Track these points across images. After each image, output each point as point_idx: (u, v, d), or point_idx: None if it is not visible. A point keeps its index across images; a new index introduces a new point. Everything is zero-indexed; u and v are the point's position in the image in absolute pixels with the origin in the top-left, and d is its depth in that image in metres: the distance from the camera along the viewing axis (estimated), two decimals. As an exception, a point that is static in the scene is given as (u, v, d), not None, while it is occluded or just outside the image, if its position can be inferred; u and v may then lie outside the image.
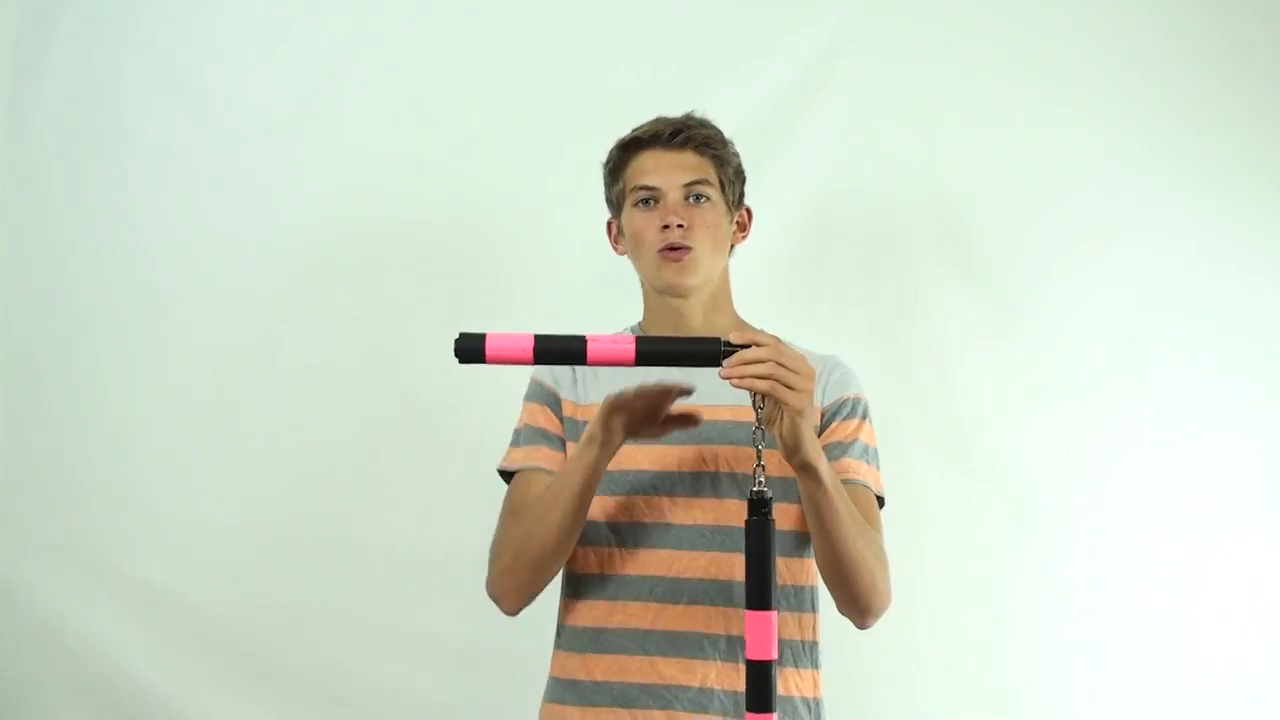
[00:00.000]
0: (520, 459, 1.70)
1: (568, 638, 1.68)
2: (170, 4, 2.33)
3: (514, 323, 2.23)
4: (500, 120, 2.32)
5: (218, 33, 2.32)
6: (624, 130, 1.74)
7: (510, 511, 1.67)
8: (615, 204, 1.74)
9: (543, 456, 1.69)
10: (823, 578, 1.59)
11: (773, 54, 2.34)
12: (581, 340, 1.41)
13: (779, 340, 1.41)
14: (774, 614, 1.36)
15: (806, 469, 1.45)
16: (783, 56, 2.34)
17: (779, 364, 1.37)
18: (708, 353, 1.40)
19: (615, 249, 1.78)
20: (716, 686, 1.59)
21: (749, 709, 1.36)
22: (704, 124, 1.71)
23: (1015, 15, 2.34)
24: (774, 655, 1.35)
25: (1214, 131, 2.32)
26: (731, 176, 1.72)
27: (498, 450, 1.77)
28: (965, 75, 2.32)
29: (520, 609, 1.65)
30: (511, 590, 1.63)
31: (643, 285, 1.74)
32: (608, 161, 1.74)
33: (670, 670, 1.60)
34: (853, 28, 2.34)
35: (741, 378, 1.38)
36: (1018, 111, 2.32)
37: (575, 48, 2.33)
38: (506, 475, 1.72)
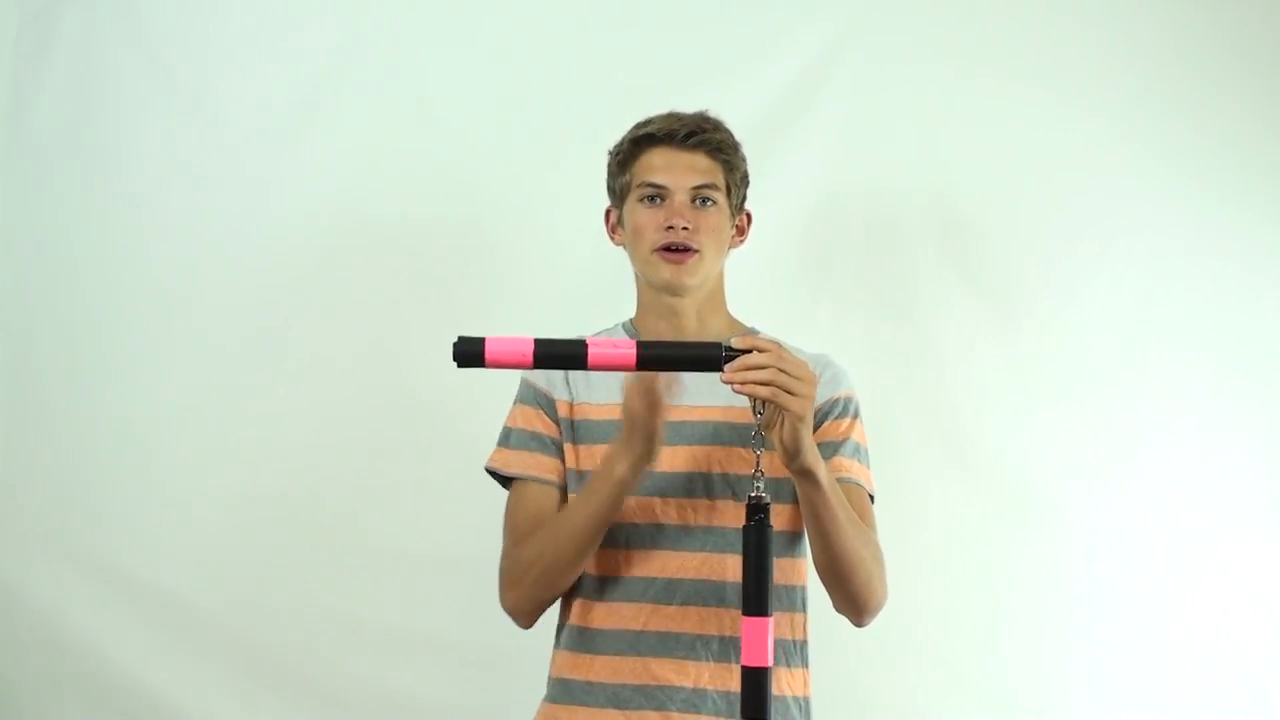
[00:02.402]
0: (514, 464, 1.69)
1: (566, 638, 1.68)
2: (170, 4, 2.32)
3: (512, 321, 2.23)
4: (499, 119, 2.32)
5: (218, 33, 2.32)
6: (623, 129, 1.73)
7: (516, 528, 1.67)
8: (618, 194, 1.73)
9: (540, 466, 1.69)
10: (820, 578, 1.59)
11: (772, 54, 2.34)
12: (582, 345, 1.41)
13: (780, 346, 1.41)
14: (770, 620, 1.36)
15: (806, 474, 1.45)
16: (782, 56, 2.34)
17: (780, 370, 1.38)
18: (709, 357, 1.40)
19: (612, 238, 1.77)
20: (710, 687, 1.59)
21: (744, 716, 1.37)
22: (718, 127, 1.70)
23: (1015, 15, 2.34)
24: (769, 662, 1.36)
25: (1215, 131, 2.33)
26: (738, 181, 1.71)
27: (498, 450, 1.77)
28: (965, 75, 2.33)
29: (536, 622, 1.67)
30: (532, 609, 1.65)
31: (637, 279, 1.74)
32: (616, 151, 1.72)
33: (663, 671, 1.60)
34: (853, 28, 2.34)
35: (743, 383, 1.38)
36: (1018, 111, 2.32)
37: (575, 47, 2.33)
38: (498, 476, 1.72)
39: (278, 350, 2.28)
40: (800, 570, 1.67)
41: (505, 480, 1.71)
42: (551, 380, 1.71)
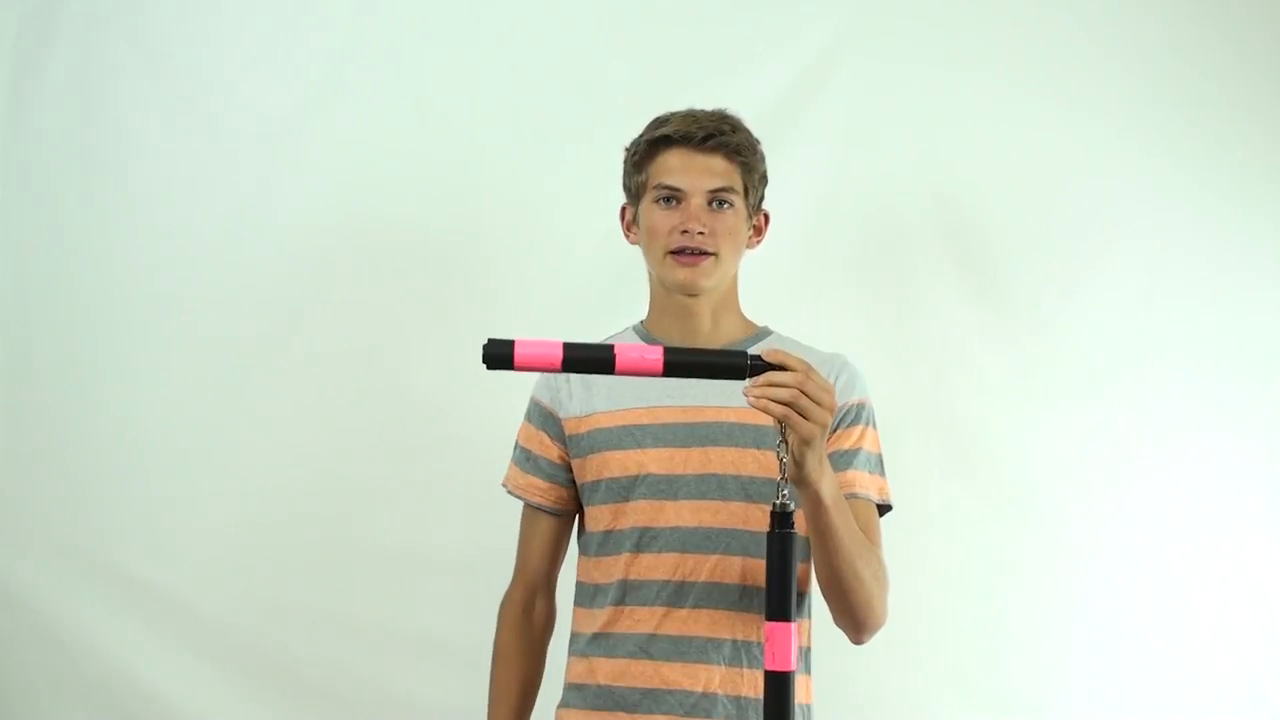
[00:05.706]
0: (512, 482, 1.74)
1: (577, 644, 1.68)
2: (170, 4, 2.32)
3: (514, 323, 2.23)
4: (499, 120, 2.32)
5: (218, 33, 2.32)
6: (623, 129, 1.72)
7: (518, 547, 1.76)
8: (634, 193, 1.70)
9: (532, 489, 1.72)
10: (820, 589, 1.58)
11: (773, 54, 2.34)
12: (609, 349, 1.39)
13: (810, 368, 1.38)
14: (793, 625, 1.35)
15: (806, 488, 1.43)
16: (783, 56, 2.34)
17: (802, 392, 1.36)
18: (735, 366, 1.39)
19: (627, 237, 1.74)
20: (720, 691, 1.58)
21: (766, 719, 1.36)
22: (736, 128, 1.67)
23: (1015, 15, 2.35)
24: (792, 666, 1.35)
25: (1215, 132, 2.33)
26: (756, 183, 1.69)
27: (498, 450, 1.77)
28: (965, 75, 2.33)
29: None
30: None
31: (650, 279, 1.72)
32: (633, 150, 1.70)
33: (674, 675, 1.59)
34: (853, 27, 2.34)
35: (759, 398, 1.36)
36: (1018, 112, 2.32)
37: (575, 47, 2.33)
38: None
39: (277, 351, 2.28)
40: (805, 576, 1.65)
41: None
42: (558, 399, 1.71)
